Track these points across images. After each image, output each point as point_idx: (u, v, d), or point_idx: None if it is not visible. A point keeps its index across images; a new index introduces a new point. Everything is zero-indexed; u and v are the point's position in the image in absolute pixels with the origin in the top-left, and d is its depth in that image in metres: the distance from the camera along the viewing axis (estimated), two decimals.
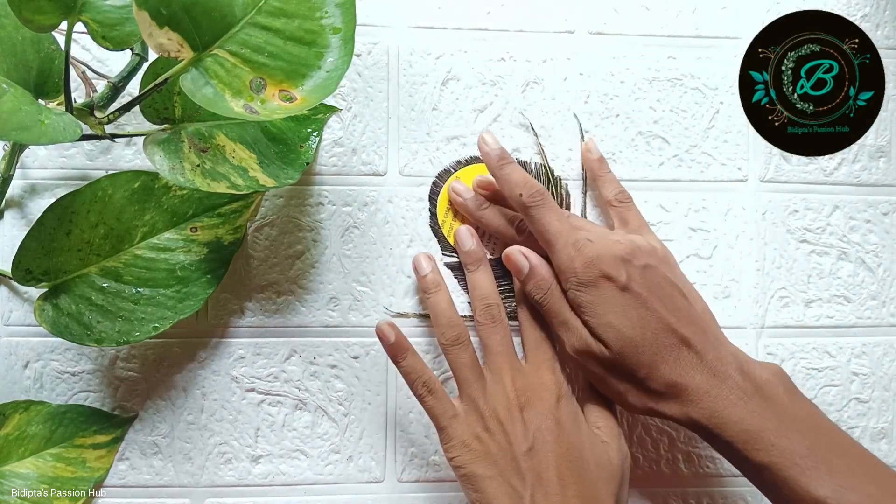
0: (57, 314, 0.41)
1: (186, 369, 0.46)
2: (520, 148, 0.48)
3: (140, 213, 0.43)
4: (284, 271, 0.47)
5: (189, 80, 0.36)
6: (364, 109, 0.48)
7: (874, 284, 0.50)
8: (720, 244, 0.49)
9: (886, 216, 0.50)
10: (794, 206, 0.49)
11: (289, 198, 0.47)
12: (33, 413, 0.44)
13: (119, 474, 0.46)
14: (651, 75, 0.49)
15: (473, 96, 0.48)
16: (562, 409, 0.41)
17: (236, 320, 0.47)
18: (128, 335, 0.42)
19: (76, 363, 0.46)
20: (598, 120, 0.49)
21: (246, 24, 0.37)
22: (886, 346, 0.50)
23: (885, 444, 0.49)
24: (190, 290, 0.43)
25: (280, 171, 0.41)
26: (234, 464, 0.46)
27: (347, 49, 0.38)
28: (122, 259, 0.43)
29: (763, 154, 0.49)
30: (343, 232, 0.47)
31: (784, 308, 0.49)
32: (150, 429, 0.46)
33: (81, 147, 0.46)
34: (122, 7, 0.38)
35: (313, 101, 0.38)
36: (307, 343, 0.47)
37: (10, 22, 0.38)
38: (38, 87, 0.40)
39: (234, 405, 0.47)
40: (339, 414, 0.47)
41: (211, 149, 0.40)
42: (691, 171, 0.49)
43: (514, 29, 0.48)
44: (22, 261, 0.41)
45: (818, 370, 0.49)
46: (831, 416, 0.49)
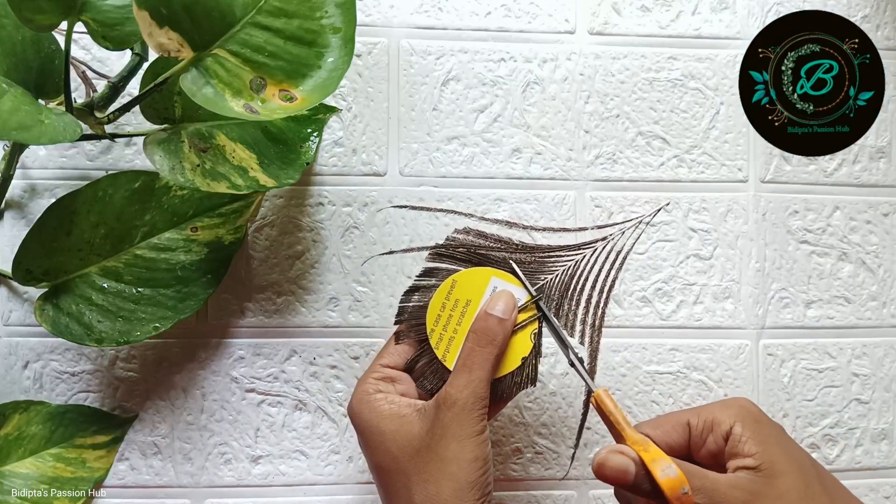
0: (57, 314, 0.41)
1: (186, 369, 0.46)
2: (520, 148, 0.48)
3: (140, 213, 0.43)
4: (284, 271, 0.47)
5: (189, 79, 0.36)
6: (364, 109, 0.48)
7: (874, 285, 0.50)
8: (720, 244, 0.49)
9: (887, 217, 0.50)
10: (795, 206, 0.49)
11: (289, 198, 0.47)
12: (33, 413, 0.44)
13: (119, 474, 0.46)
14: (651, 76, 0.49)
15: (473, 96, 0.48)
16: None
17: (236, 320, 0.47)
18: (128, 335, 0.42)
19: (76, 363, 0.46)
20: (598, 120, 0.49)
21: (246, 23, 0.37)
22: (887, 347, 0.49)
23: (886, 444, 0.49)
24: (190, 290, 0.43)
25: (280, 172, 0.41)
26: (234, 464, 0.46)
27: (348, 49, 0.38)
28: (122, 259, 0.43)
29: (763, 155, 0.49)
30: (343, 232, 0.47)
31: (784, 309, 0.49)
32: (149, 429, 0.46)
33: (81, 147, 0.46)
34: (122, 7, 0.38)
35: (313, 101, 0.38)
36: (307, 343, 0.47)
37: (10, 22, 0.38)
38: (38, 87, 0.40)
39: (234, 405, 0.47)
40: (339, 414, 0.47)
41: (211, 149, 0.40)
42: (691, 171, 0.49)
43: (515, 29, 0.48)
44: (22, 261, 0.41)
45: (818, 371, 0.49)
46: (831, 416, 0.49)
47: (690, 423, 0.37)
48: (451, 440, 0.36)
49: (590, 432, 0.48)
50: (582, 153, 0.48)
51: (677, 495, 0.32)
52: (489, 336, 0.38)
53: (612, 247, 0.42)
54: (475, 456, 0.36)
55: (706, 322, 0.48)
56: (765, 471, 0.34)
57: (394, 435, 0.37)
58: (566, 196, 0.48)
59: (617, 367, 0.48)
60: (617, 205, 0.48)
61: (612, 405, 0.37)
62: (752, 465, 0.34)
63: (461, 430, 0.36)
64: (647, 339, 0.48)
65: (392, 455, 0.37)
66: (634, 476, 0.34)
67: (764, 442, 0.35)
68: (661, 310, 0.48)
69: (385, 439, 0.37)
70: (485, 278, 0.40)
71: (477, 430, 0.36)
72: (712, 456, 0.36)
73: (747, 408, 0.36)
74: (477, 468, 0.36)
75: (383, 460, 0.37)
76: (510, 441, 0.47)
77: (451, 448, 0.36)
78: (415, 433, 0.37)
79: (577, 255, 0.41)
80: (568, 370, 0.47)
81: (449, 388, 0.37)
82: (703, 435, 0.36)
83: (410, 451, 0.37)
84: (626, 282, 0.48)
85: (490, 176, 0.48)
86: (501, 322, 0.38)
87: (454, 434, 0.36)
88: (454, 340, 0.39)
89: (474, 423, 0.36)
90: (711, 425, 0.36)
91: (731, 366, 0.48)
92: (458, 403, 0.36)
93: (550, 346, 0.46)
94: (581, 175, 0.48)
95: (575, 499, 0.47)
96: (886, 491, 0.49)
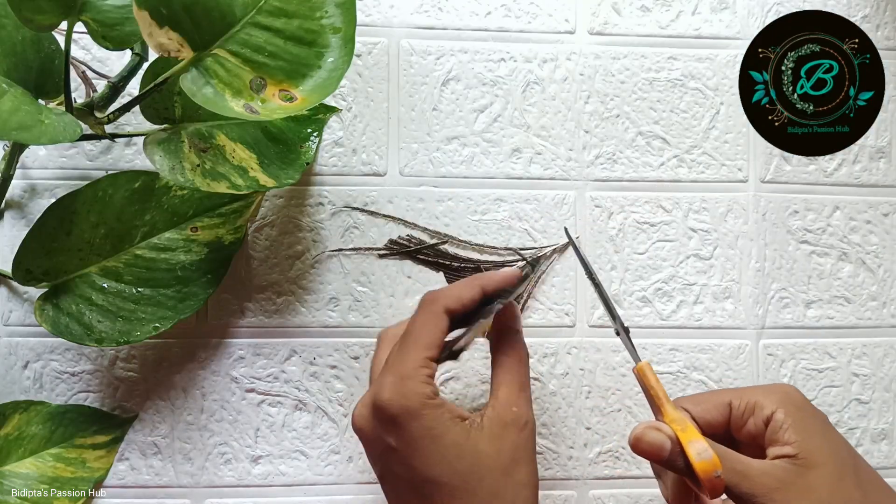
0: (57, 314, 0.41)
1: (186, 369, 0.46)
2: (520, 148, 0.48)
3: (140, 213, 0.43)
4: (284, 271, 0.47)
5: (189, 79, 0.36)
6: (364, 109, 0.48)
7: (874, 285, 0.50)
8: (720, 245, 0.49)
9: (887, 217, 0.50)
10: (795, 206, 0.49)
11: (289, 198, 0.47)
12: (33, 413, 0.44)
13: (119, 474, 0.46)
14: (651, 76, 0.49)
15: (473, 96, 0.48)
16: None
17: (236, 320, 0.47)
18: (128, 335, 0.42)
19: (76, 363, 0.46)
20: (598, 120, 0.49)
21: (246, 23, 0.37)
22: (887, 347, 0.49)
23: (886, 445, 0.49)
24: (190, 290, 0.43)
25: (280, 172, 0.41)
26: (234, 464, 0.46)
27: (348, 49, 0.38)
28: (122, 259, 0.43)
29: (763, 154, 0.49)
30: (343, 232, 0.47)
31: (784, 309, 0.49)
32: (149, 429, 0.46)
33: (81, 147, 0.46)
34: (122, 7, 0.38)
35: (313, 101, 0.38)
36: (307, 343, 0.47)
37: (10, 22, 0.38)
38: (38, 87, 0.40)
39: (234, 405, 0.47)
40: (338, 414, 0.47)
41: (211, 149, 0.40)
42: (692, 171, 0.49)
43: (515, 29, 0.48)
44: (22, 261, 0.41)
45: (818, 371, 0.49)
46: (831, 416, 0.49)
47: (732, 404, 0.36)
48: (526, 464, 0.35)
49: (590, 432, 0.48)
50: (582, 153, 0.48)
51: (710, 478, 0.32)
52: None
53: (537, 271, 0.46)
54: (539, 477, 0.36)
55: (706, 322, 0.48)
56: (802, 460, 0.33)
57: (459, 449, 0.34)
58: (566, 196, 0.48)
59: (617, 367, 0.48)
60: (617, 205, 0.48)
61: (654, 380, 0.37)
62: (790, 454, 0.34)
63: (532, 454, 0.36)
64: (647, 339, 0.48)
65: (455, 470, 0.34)
66: (669, 453, 0.34)
67: (805, 431, 0.34)
68: (661, 310, 0.48)
69: (448, 453, 0.34)
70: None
71: (535, 451, 0.36)
72: (752, 438, 0.36)
73: (791, 395, 0.36)
74: (537, 491, 0.35)
75: (443, 475, 0.34)
76: None
77: (527, 472, 0.35)
78: (482, 450, 0.34)
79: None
80: (569, 370, 0.47)
81: (517, 409, 0.36)
82: (745, 417, 0.36)
83: (480, 470, 0.34)
84: (627, 282, 0.48)
85: (490, 176, 0.48)
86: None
87: (528, 457, 0.35)
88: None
89: (535, 444, 0.36)
90: (753, 408, 0.36)
91: (731, 366, 0.48)
92: (529, 424, 0.36)
93: (550, 347, 0.46)
94: (581, 175, 0.48)
95: (575, 499, 0.47)
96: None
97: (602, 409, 0.48)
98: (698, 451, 0.33)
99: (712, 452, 0.33)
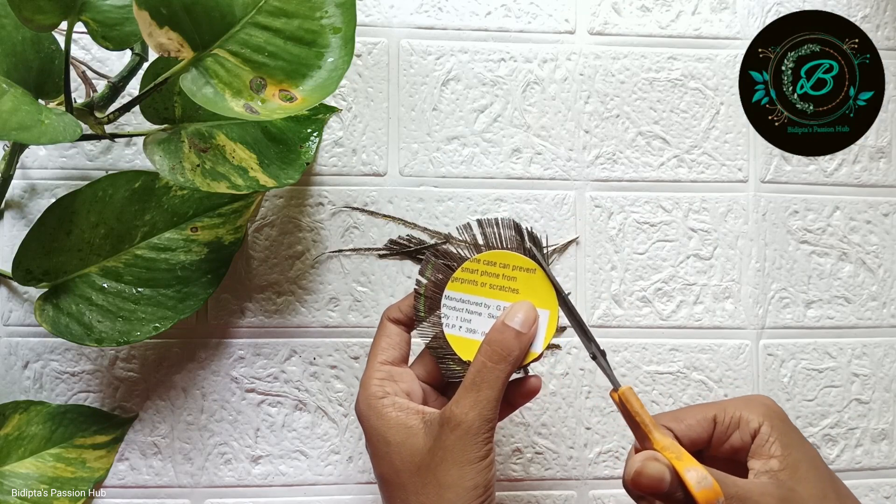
0: (57, 314, 0.41)
1: (186, 370, 0.46)
2: (520, 148, 0.48)
3: (140, 213, 0.43)
4: (284, 271, 0.47)
5: (189, 79, 0.36)
6: (364, 109, 0.48)
7: (874, 285, 0.50)
8: (720, 244, 0.49)
9: (887, 217, 0.50)
10: (795, 206, 0.49)
11: (289, 198, 0.47)
12: (33, 413, 0.44)
13: (119, 474, 0.46)
14: (651, 76, 0.49)
15: (473, 96, 0.48)
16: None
17: (236, 320, 0.47)
18: (128, 335, 0.42)
19: (76, 363, 0.46)
20: (598, 120, 0.49)
21: (246, 23, 0.37)
22: (887, 347, 0.49)
23: (886, 445, 0.49)
24: (190, 290, 0.43)
25: (280, 172, 0.41)
26: (234, 464, 0.46)
27: (348, 49, 0.38)
28: (122, 259, 0.43)
29: (763, 154, 0.49)
30: (343, 232, 0.47)
31: (784, 309, 0.49)
32: (149, 429, 0.46)
33: (81, 147, 0.46)
34: (122, 7, 0.38)
35: (313, 101, 0.38)
36: (307, 343, 0.47)
37: (10, 22, 0.38)
38: (38, 87, 0.40)
39: (234, 405, 0.47)
40: (339, 414, 0.47)
41: (211, 149, 0.40)
42: (691, 171, 0.49)
43: (515, 29, 0.48)
44: (22, 261, 0.41)
45: (818, 371, 0.49)
46: (831, 416, 0.49)
47: (717, 419, 0.36)
48: (451, 465, 0.34)
49: (590, 432, 0.48)
50: (582, 153, 0.48)
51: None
52: (504, 351, 0.35)
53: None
54: (475, 483, 0.34)
55: (706, 322, 0.48)
56: (789, 474, 0.33)
57: (399, 447, 0.35)
58: (566, 196, 0.48)
59: (617, 367, 0.48)
60: (617, 205, 0.48)
61: (638, 405, 0.34)
62: (776, 468, 0.33)
63: (463, 455, 0.34)
64: (647, 340, 0.48)
65: (395, 468, 0.35)
66: (668, 485, 0.32)
67: (789, 445, 0.34)
68: (661, 310, 0.48)
69: (390, 450, 0.35)
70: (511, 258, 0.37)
71: (480, 456, 0.34)
72: (733, 451, 0.35)
73: (772, 407, 0.36)
74: (476, 496, 0.34)
75: (387, 471, 0.36)
76: (510, 441, 0.47)
77: (451, 474, 0.34)
78: (418, 448, 0.35)
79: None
80: (569, 370, 0.47)
81: (454, 408, 0.34)
82: (729, 431, 0.35)
83: (412, 468, 0.35)
84: (627, 282, 0.48)
85: (490, 176, 0.48)
86: (519, 336, 0.35)
87: (455, 459, 0.34)
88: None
89: (478, 447, 0.34)
90: (738, 422, 0.35)
91: (732, 366, 0.48)
92: (462, 426, 0.34)
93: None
94: (581, 175, 0.48)
95: (575, 499, 0.47)
96: (886, 491, 0.49)
97: (602, 409, 0.48)
98: (697, 480, 0.31)
99: (712, 479, 0.31)
